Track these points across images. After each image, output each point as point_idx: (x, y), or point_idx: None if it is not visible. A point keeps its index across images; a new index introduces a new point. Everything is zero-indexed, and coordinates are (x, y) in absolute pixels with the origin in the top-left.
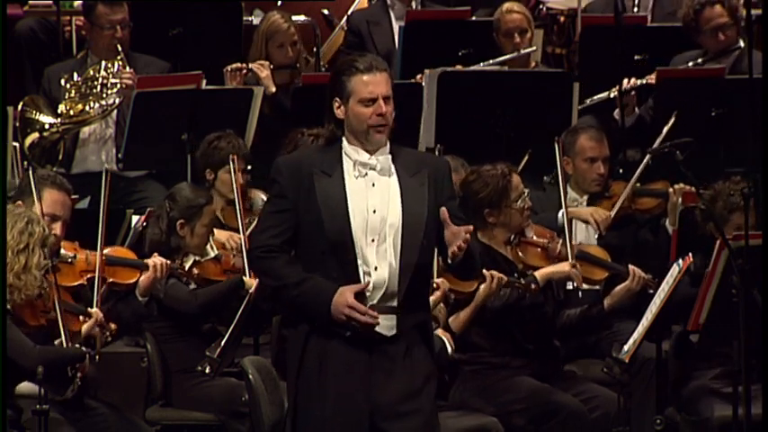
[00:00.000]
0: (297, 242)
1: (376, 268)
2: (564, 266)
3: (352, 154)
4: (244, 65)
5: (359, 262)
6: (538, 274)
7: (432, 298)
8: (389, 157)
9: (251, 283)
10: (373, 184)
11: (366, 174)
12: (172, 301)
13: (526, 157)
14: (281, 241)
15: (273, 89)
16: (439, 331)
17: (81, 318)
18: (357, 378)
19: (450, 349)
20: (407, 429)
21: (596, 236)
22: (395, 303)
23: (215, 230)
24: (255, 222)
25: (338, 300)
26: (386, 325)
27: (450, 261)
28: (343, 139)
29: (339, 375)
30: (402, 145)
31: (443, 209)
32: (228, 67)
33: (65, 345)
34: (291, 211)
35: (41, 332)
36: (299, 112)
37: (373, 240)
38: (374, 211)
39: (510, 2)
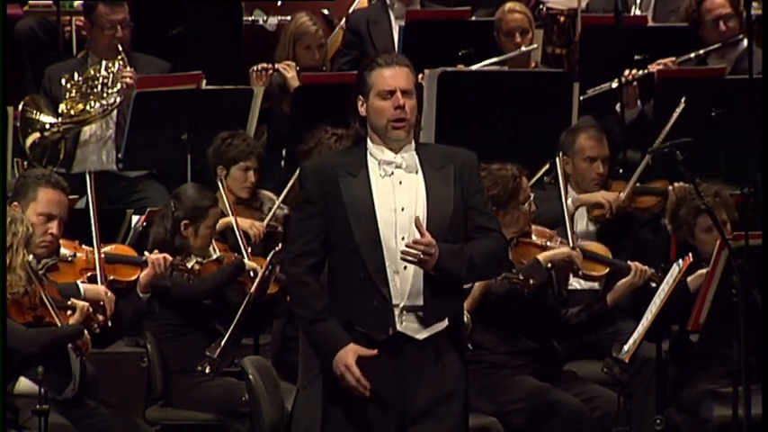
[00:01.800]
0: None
1: (405, 267)
2: (564, 249)
3: (376, 153)
4: (270, 65)
5: (387, 262)
6: (540, 256)
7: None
8: (415, 154)
9: (251, 265)
10: (400, 182)
11: (392, 173)
12: (180, 289)
13: (546, 167)
14: (315, 247)
15: None
16: None
17: (68, 312)
18: (387, 383)
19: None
20: None
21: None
22: (421, 302)
23: (238, 219)
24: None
25: (341, 355)
26: (413, 327)
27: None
28: (368, 138)
29: (369, 380)
30: None
31: (417, 217)
32: (254, 67)
33: None
34: (321, 215)
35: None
36: (299, 112)
37: (403, 238)
38: (402, 209)
39: (511, 2)
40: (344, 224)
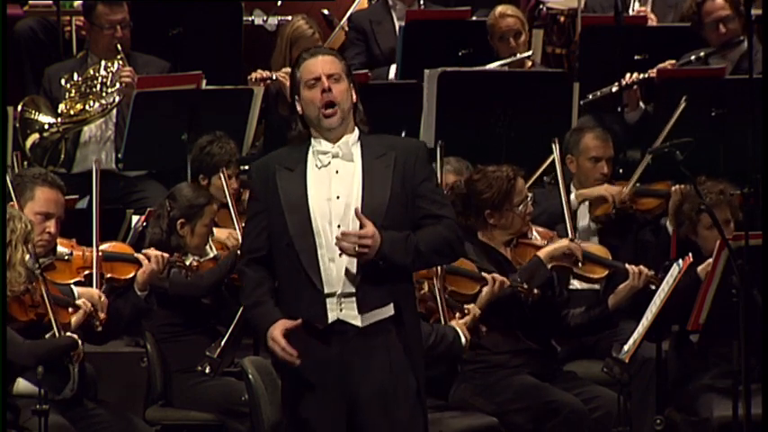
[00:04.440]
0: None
1: (341, 254)
2: (563, 242)
3: (315, 145)
4: (268, 73)
5: (320, 251)
6: (540, 253)
7: (461, 321)
8: (356, 143)
9: None
10: (337, 172)
11: (329, 162)
12: (178, 288)
13: (549, 160)
14: (260, 242)
15: None
16: (453, 322)
17: (70, 309)
18: (332, 370)
19: (463, 340)
20: (386, 424)
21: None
22: (355, 289)
23: (214, 229)
24: None
25: (271, 330)
26: (352, 315)
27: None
28: (311, 135)
29: (316, 372)
30: None
31: (357, 207)
32: (253, 76)
33: (57, 335)
34: (264, 211)
35: (32, 326)
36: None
37: (339, 226)
38: (338, 197)
39: (503, 5)
40: (281, 218)
